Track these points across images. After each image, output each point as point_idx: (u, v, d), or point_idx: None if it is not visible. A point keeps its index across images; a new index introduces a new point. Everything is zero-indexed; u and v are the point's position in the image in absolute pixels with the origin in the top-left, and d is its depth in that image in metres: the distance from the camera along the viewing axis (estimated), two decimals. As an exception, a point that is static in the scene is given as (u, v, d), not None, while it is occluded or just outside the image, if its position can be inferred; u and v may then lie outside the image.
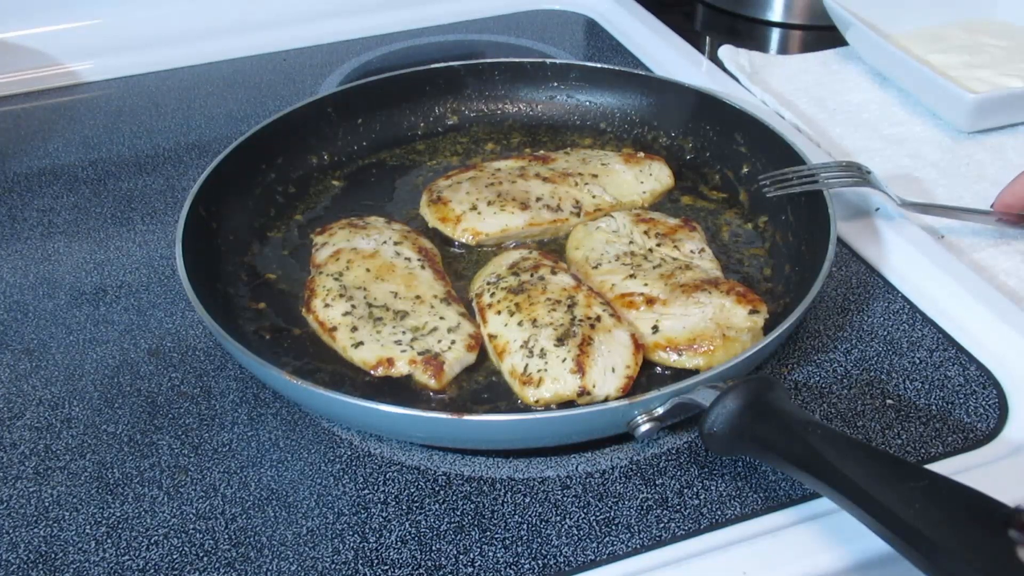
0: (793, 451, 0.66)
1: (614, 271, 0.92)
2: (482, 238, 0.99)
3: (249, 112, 1.30)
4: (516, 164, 1.08)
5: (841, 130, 1.22)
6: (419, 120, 1.20)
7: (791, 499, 0.75)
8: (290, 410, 0.85)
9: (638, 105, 1.19)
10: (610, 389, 0.79)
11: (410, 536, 0.74)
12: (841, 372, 0.87)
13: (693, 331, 0.84)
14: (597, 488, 0.77)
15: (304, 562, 0.72)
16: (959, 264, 0.96)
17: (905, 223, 1.01)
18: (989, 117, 1.19)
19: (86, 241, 1.07)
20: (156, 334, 0.93)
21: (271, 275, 0.97)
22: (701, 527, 0.74)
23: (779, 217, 1.00)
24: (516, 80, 1.22)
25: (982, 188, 1.10)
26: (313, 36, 1.47)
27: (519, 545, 0.73)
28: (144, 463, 0.80)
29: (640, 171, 1.07)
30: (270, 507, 0.76)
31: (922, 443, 0.80)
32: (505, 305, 0.86)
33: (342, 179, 1.12)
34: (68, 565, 0.72)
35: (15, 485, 0.79)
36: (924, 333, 0.91)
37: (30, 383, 0.88)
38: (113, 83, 1.38)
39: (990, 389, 0.85)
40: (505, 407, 0.81)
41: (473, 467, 0.79)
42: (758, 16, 1.54)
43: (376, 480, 0.78)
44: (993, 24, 1.37)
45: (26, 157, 1.22)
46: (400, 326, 0.86)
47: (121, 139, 1.25)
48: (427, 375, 0.82)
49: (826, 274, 0.84)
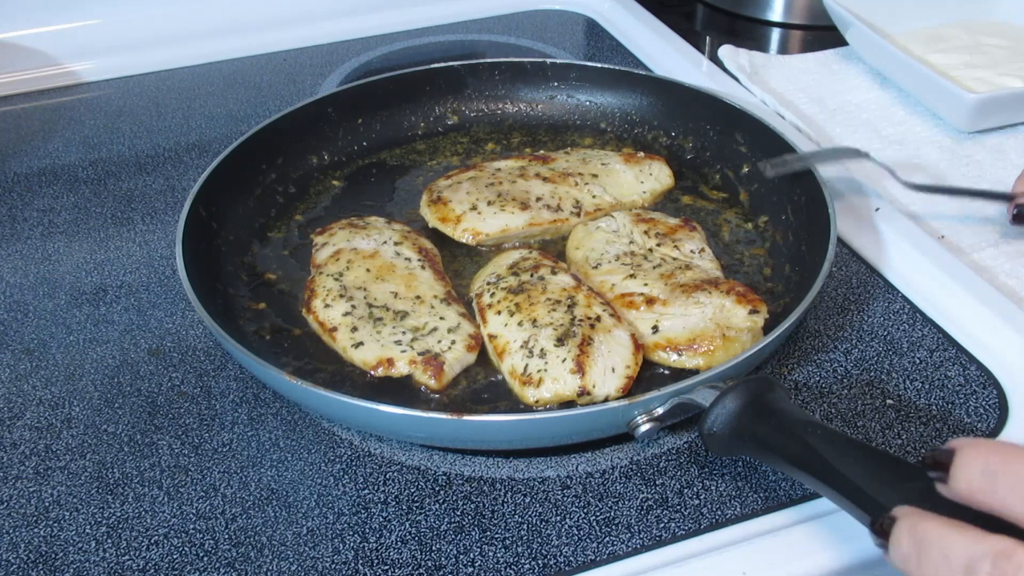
0: (793, 451, 0.66)
1: (614, 271, 0.92)
2: (482, 238, 0.99)
3: (249, 112, 1.30)
4: (516, 164, 1.08)
5: (841, 130, 1.22)
6: (419, 120, 1.20)
7: (791, 499, 0.75)
8: (290, 410, 0.85)
9: (638, 105, 1.19)
10: (610, 389, 0.79)
11: (410, 536, 0.74)
12: (841, 372, 0.87)
13: (693, 331, 0.84)
14: (597, 488, 0.77)
15: (304, 562, 0.72)
16: (959, 264, 0.96)
17: (905, 223, 1.01)
18: (989, 117, 1.19)
19: (86, 241, 1.07)
20: (156, 334, 0.93)
21: (271, 275, 0.97)
22: (701, 527, 0.74)
23: (779, 217, 1.00)
24: (516, 80, 1.22)
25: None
26: (313, 36, 1.47)
27: (519, 545, 0.73)
28: (144, 463, 0.80)
29: (640, 171, 1.07)
30: (270, 507, 0.76)
31: (922, 443, 0.80)
32: (505, 305, 0.86)
33: (342, 179, 1.12)
34: (68, 565, 0.72)
35: (15, 485, 0.79)
36: (924, 333, 0.91)
37: (30, 383, 0.88)
38: (113, 83, 1.38)
39: (990, 389, 0.85)
40: (505, 407, 0.81)
41: (473, 467, 0.79)
42: (758, 16, 1.54)
43: (376, 480, 0.78)
44: (993, 24, 1.37)
45: (26, 157, 1.22)
46: (400, 326, 0.86)
47: (121, 139, 1.25)
48: (427, 375, 0.82)
49: (826, 274, 0.84)
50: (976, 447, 0.52)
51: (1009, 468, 0.50)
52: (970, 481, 0.51)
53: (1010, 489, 0.50)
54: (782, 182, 1.01)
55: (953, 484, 0.52)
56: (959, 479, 0.52)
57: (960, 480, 0.52)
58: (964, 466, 0.52)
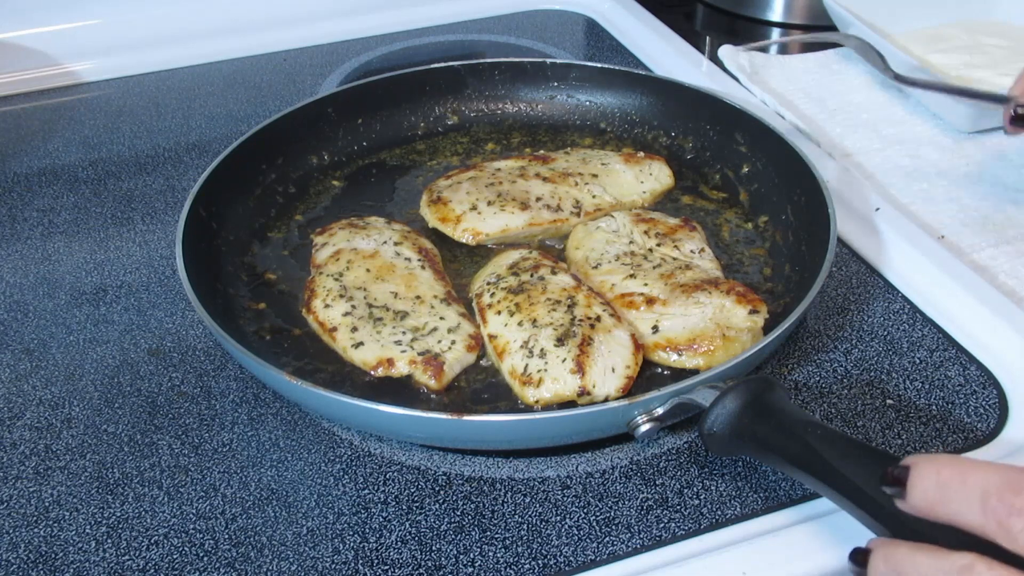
0: (793, 451, 0.66)
1: (614, 271, 0.92)
2: (482, 238, 0.99)
3: (249, 112, 1.30)
4: (516, 164, 1.08)
5: (841, 130, 1.22)
6: (419, 120, 1.20)
7: (791, 499, 0.75)
8: (290, 410, 0.85)
9: (638, 105, 1.19)
10: (610, 389, 0.79)
11: (410, 536, 0.74)
12: (841, 372, 0.87)
13: (693, 331, 0.84)
14: (597, 488, 0.77)
15: (304, 562, 0.72)
16: (959, 264, 0.95)
17: (905, 223, 1.01)
18: (989, 117, 1.19)
19: (86, 241, 1.07)
20: (156, 334, 0.93)
21: (271, 275, 0.97)
22: (701, 527, 0.74)
23: (779, 217, 1.00)
24: (516, 80, 1.22)
25: (982, 188, 1.11)
26: (313, 36, 1.47)
27: (519, 545, 0.73)
28: (144, 463, 0.80)
29: (640, 171, 1.07)
30: (270, 507, 0.76)
31: (922, 443, 0.80)
32: (505, 305, 0.86)
33: (342, 179, 1.12)
34: (68, 565, 0.72)
35: (15, 485, 0.79)
36: (924, 333, 0.91)
37: (30, 383, 0.88)
38: (113, 83, 1.38)
39: (990, 389, 0.85)
40: (505, 407, 0.81)
41: (473, 467, 0.79)
42: (758, 16, 1.54)
43: (376, 480, 0.78)
44: (993, 24, 1.37)
45: (26, 157, 1.22)
46: (400, 326, 0.86)
47: (121, 139, 1.25)
48: (427, 375, 0.82)
49: (826, 274, 0.84)
50: (930, 462, 0.55)
51: (961, 480, 0.53)
52: (925, 494, 0.54)
53: (962, 500, 0.52)
54: (782, 182, 1.01)
55: (910, 499, 0.55)
56: (915, 494, 0.55)
57: (916, 495, 0.55)
58: (919, 481, 0.55)
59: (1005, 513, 0.50)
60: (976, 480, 0.52)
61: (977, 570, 0.50)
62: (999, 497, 0.51)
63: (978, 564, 0.51)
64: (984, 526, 0.51)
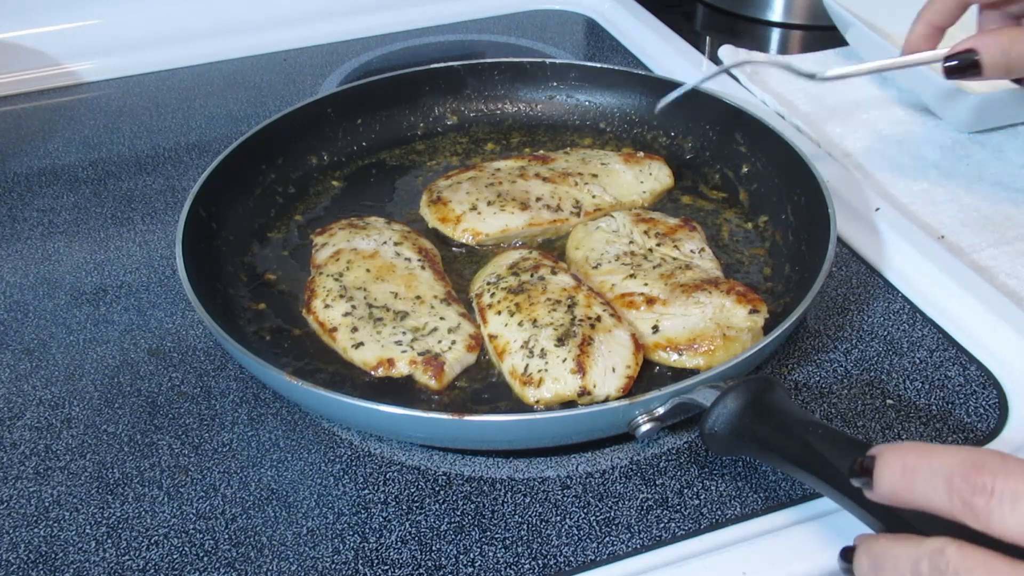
0: (793, 451, 0.66)
1: (614, 271, 0.92)
2: (482, 238, 0.99)
3: (249, 112, 1.30)
4: (516, 164, 1.08)
5: (841, 130, 1.22)
6: (419, 120, 1.20)
7: (791, 499, 0.75)
8: (290, 410, 0.85)
9: (638, 105, 1.19)
10: (610, 389, 0.79)
11: (410, 536, 0.74)
12: (841, 372, 0.87)
13: (693, 331, 0.84)
14: (597, 488, 0.77)
15: (304, 562, 0.72)
16: (959, 264, 0.96)
17: (905, 223, 1.01)
18: (989, 117, 1.19)
19: (86, 241, 1.07)
20: (156, 334, 0.93)
21: (271, 275, 0.97)
22: (701, 527, 0.74)
23: (779, 217, 1.00)
24: (516, 80, 1.22)
25: (982, 188, 1.11)
26: (313, 36, 1.47)
27: (519, 545, 0.73)
28: (144, 463, 0.80)
29: (640, 171, 1.07)
30: (270, 507, 0.76)
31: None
32: (505, 305, 0.86)
33: (342, 179, 1.12)
34: (68, 565, 0.72)
35: (15, 485, 0.79)
36: (924, 333, 0.91)
37: (30, 383, 0.88)
38: (113, 83, 1.38)
39: (990, 389, 0.85)
40: (505, 407, 0.81)
41: (473, 467, 0.79)
42: (758, 16, 1.54)
43: (376, 480, 0.78)
44: (993, 24, 1.37)
45: (26, 157, 1.22)
46: (400, 326, 0.86)
47: (121, 139, 1.25)
48: (427, 375, 0.82)
49: (826, 274, 0.84)
50: (895, 450, 0.56)
51: (925, 464, 0.53)
52: (892, 482, 0.55)
53: (928, 484, 0.53)
54: (782, 182, 1.01)
55: (877, 488, 0.56)
56: (882, 482, 0.56)
57: (883, 483, 0.56)
58: (885, 469, 0.56)
59: (969, 492, 0.51)
60: (939, 463, 0.53)
61: (948, 553, 0.51)
62: (963, 477, 0.51)
63: (949, 547, 0.51)
64: (951, 508, 0.52)
